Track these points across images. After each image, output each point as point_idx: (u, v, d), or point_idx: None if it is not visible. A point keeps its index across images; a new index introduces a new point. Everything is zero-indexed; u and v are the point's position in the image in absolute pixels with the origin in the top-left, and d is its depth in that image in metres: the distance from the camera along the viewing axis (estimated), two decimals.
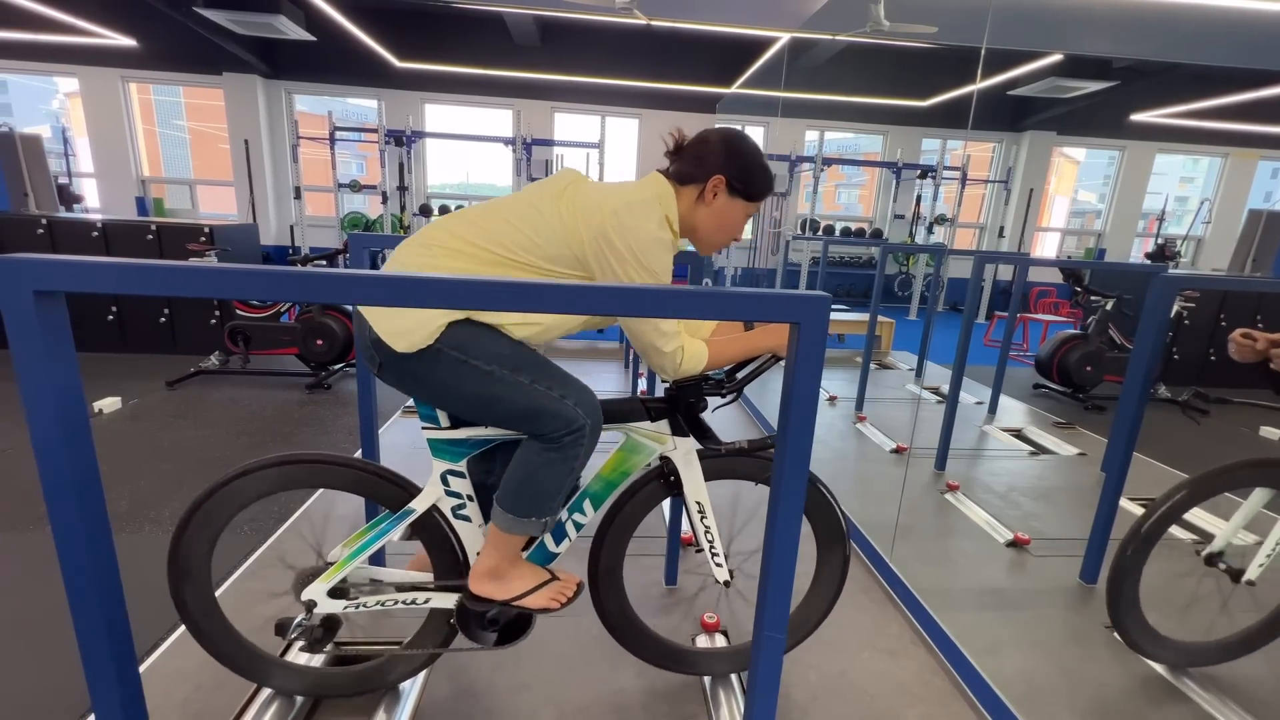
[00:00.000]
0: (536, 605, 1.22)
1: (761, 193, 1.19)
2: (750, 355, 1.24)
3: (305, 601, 1.19)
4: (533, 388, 1.08)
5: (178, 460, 2.60)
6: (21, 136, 5.27)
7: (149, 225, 4.09)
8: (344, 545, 1.22)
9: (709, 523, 1.30)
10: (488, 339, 1.09)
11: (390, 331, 1.06)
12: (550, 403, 1.08)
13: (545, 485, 1.13)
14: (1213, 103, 6.84)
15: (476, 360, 1.06)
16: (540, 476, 1.12)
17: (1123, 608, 1.46)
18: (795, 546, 0.78)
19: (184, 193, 8.46)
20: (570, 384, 1.12)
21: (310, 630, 1.19)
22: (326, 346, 3.68)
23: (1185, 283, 2.72)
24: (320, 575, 1.20)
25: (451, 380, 1.07)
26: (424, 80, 7.99)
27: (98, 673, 0.74)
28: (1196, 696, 1.47)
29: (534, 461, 1.12)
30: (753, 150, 1.19)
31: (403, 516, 1.20)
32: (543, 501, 1.14)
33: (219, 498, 1.14)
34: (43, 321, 0.62)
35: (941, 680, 1.53)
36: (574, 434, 1.10)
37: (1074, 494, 2.65)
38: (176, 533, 1.14)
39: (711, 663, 1.44)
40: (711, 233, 1.20)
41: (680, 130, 1.21)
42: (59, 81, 8.26)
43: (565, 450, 1.10)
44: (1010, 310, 3.55)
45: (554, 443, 1.10)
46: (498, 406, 1.09)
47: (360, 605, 1.22)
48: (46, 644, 1.52)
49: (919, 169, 7.89)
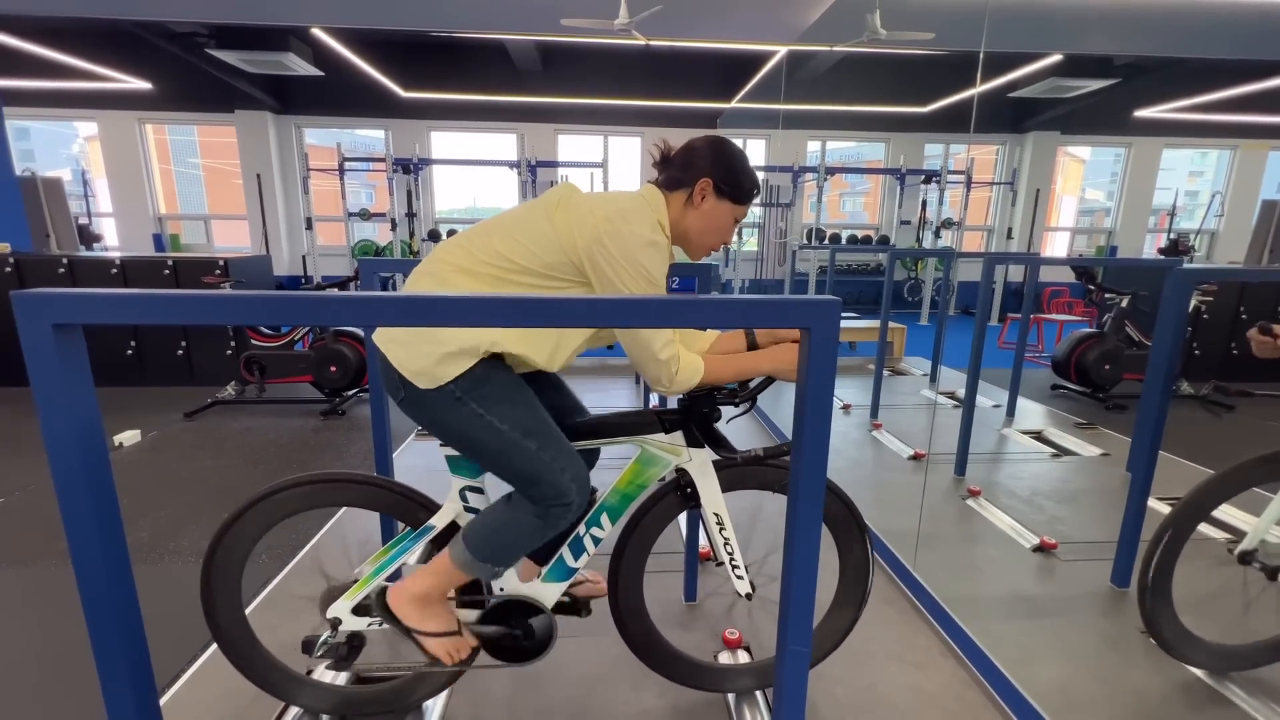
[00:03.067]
0: (429, 649, 1.21)
1: (747, 194, 1.23)
2: (749, 376, 1.24)
3: (330, 619, 1.22)
4: (537, 455, 1.12)
5: (197, 491, 2.63)
6: (43, 180, 5.43)
7: (166, 260, 4.17)
8: (368, 563, 1.24)
9: (728, 534, 1.29)
10: (508, 398, 1.13)
11: (411, 369, 1.09)
12: (549, 472, 1.12)
13: (517, 541, 1.17)
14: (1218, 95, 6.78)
15: (493, 417, 1.11)
16: (516, 532, 1.16)
17: (1156, 612, 1.42)
18: (816, 556, 0.77)
19: (199, 228, 8.65)
20: (572, 459, 1.16)
21: (336, 647, 1.22)
22: (341, 373, 3.71)
23: (1201, 276, 2.68)
24: (344, 593, 1.22)
25: (467, 429, 1.12)
26: (429, 109, 8.15)
27: (118, 705, 0.74)
28: (1242, 702, 1.41)
29: (516, 517, 1.16)
30: (737, 154, 1.22)
31: (423, 533, 1.23)
32: (507, 554, 1.17)
33: (248, 518, 1.18)
34: (62, 355, 0.63)
35: (974, 693, 1.49)
36: (562, 506, 1.14)
37: (1100, 496, 2.59)
38: (208, 554, 1.17)
39: (736, 679, 1.42)
40: (701, 234, 1.23)
41: (665, 141, 1.25)
42: (79, 126, 8.53)
43: (549, 517, 1.14)
44: (1023, 311, 3.51)
45: (541, 507, 1.14)
46: (502, 462, 1.13)
47: (384, 622, 1.23)
48: (68, 676, 1.52)
49: (923, 174, 7.87)
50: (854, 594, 1.36)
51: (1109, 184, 9.06)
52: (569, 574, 1.26)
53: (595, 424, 1.28)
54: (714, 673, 1.41)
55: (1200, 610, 1.52)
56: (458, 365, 1.09)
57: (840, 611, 1.38)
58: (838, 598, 1.39)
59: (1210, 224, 7.92)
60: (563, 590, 1.27)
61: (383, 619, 1.21)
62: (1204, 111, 7.36)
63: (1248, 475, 1.40)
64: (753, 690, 1.42)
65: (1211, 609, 1.68)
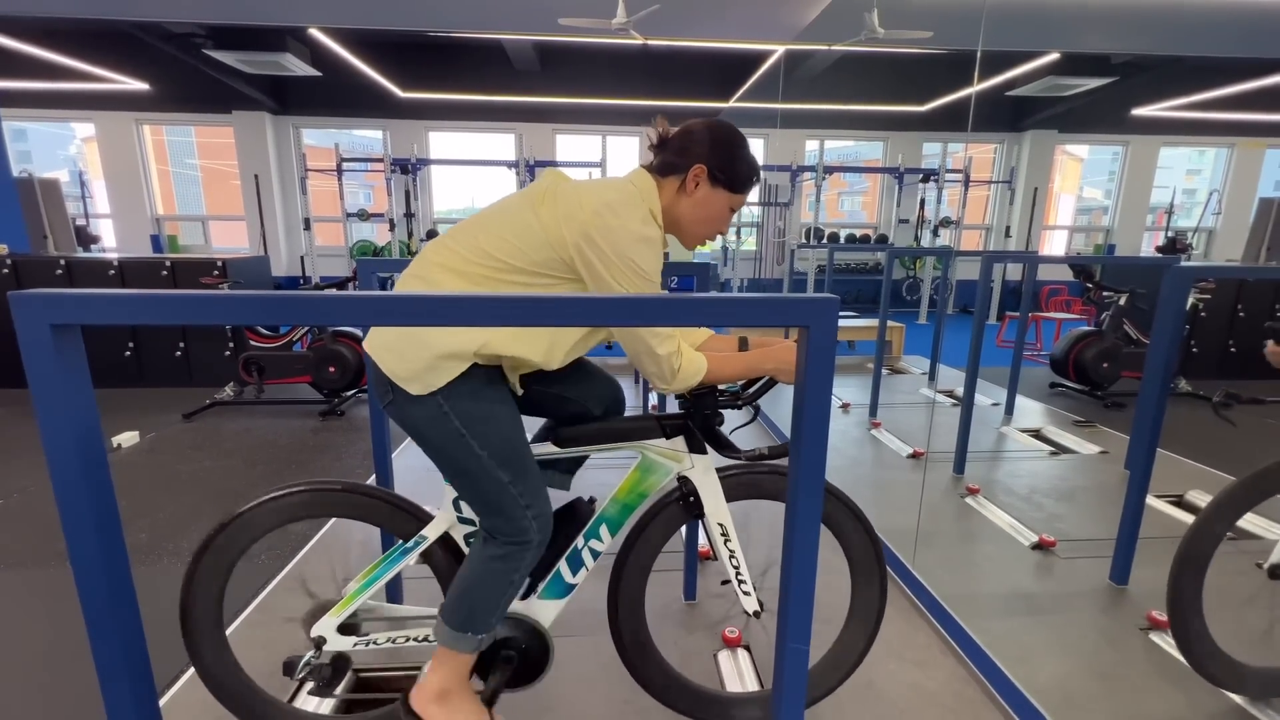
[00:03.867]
0: None
1: (744, 182, 1.15)
2: (750, 375, 1.19)
3: (315, 638, 1.16)
4: (506, 487, 1.09)
5: (195, 491, 2.62)
6: (40, 181, 5.42)
7: (163, 262, 4.17)
8: (357, 579, 1.19)
9: (733, 546, 1.22)
10: (493, 419, 1.10)
11: (401, 374, 1.06)
12: (513, 508, 1.10)
13: (484, 596, 1.13)
14: (1215, 94, 6.79)
15: (473, 440, 1.08)
16: (480, 584, 1.12)
17: (1193, 640, 1.32)
18: (815, 554, 0.77)
19: (197, 229, 8.63)
20: (539, 499, 1.13)
21: (319, 670, 1.15)
22: (339, 373, 3.71)
23: (1199, 273, 2.69)
24: (330, 610, 1.16)
25: (445, 444, 1.09)
26: (427, 109, 8.14)
27: (118, 704, 0.74)
28: (1241, 700, 1.41)
29: (477, 565, 1.13)
30: (736, 139, 1.14)
31: (415, 545, 1.18)
32: (480, 617, 1.13)
33: (230, 532, 1.12)
34: (60, 355, 0.63)
35: (973, 690, 1.49)
36: (519, 545, 1.11)
37: (1098, 493, 2.60)
38: (188, 574, 1.11)
39: (743, 710, 1.33)
40: (694, 224, 1.16)
41: (664, 122, 1.17)
42: (76, 127, 8.51)
43: (507, 556, 1.11)
44: (1022, 309, 3.51)
45: (498, 543, 1.11)
46: (471, 484, 1.11)
47: (371, 642, 1.18)
48: (68, 676, 1.52)
49: (921, 173, 7.88)
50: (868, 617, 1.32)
51: (1107, 182, 9.07)
52: (567, 590, 1.22)
53: (592, 429, 1.23)
54: (721, 703, 1.33)
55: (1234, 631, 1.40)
56: (448, 371, 1.05)
57: (854, 634, 1.33)
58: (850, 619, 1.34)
59: (1208, 222, 7.93)
60: (560, 608, 1.23)
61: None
62: (1201, 110, 7.37)
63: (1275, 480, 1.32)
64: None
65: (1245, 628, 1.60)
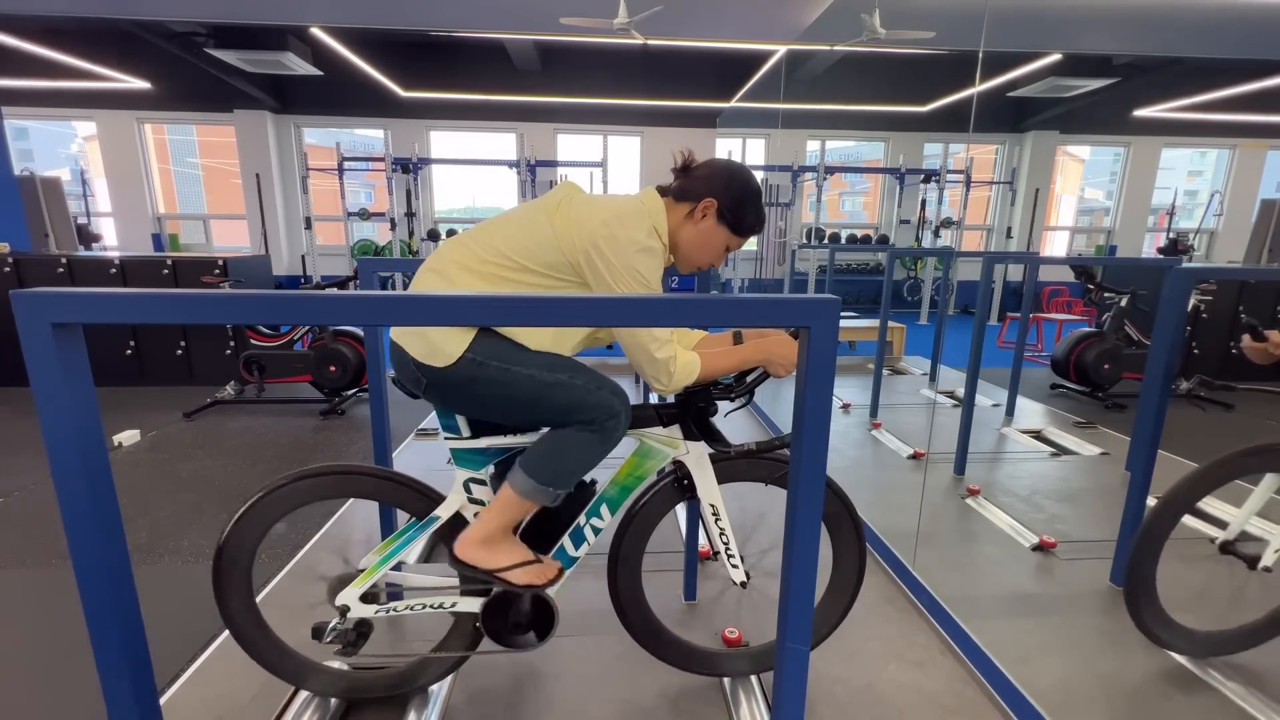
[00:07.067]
0: (520, 581, 1.23)
1: (747, 229, 1.25)
2: (742, 368, 1.27)
3: (339, 606, 1.25)
4: (572, 383, 1.15)
5: (196, 490, 2.62)
6: (42, 180, 5.43)
7: (165, 260, 4.17)
8: (375, 553, 1.27)
9: (723, 524, 1.33)
10: (520, 348, 1.16)
11: (424, 353, 1.14)
12: (589, 395, 1.16)
13: (575, 461, 1.18)
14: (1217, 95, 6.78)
15: (518, 367, 1.14)
16: (574, 452, 1.18)
17: (1140, 600, 1.46)
18: (815, 555, 0.77)
19: (198, 228, 8.64)
20: (601, 378, 1.19)
21: (344, 634, 1.26)
22: (340, 372, 3.71)
23: (1200, 275, 2.69)
24: (352, 581, 1.25)
25: (498, 388, 1.14)
26: (428, 108, 8.14)
27: (118, 704, 0.74)
28: (1241, 700, 1.41)
29: (572, 438, 1.18)
30: (752, 186, 1.25)
31: (428, 524, 1.26)
32: (566, 475, 1.18)
33: (259, 509, 1.20)
34: (61, 354, 0.63)
35: (973, 691, 1.49)
36: (614, 419, 1.17)
37: (1099, 495, 2.60)
38: (220, 545, 1.20)
39: (733, 663, 1.46)
40: (691, 250, 1.25)
41: (690, 151, 1.27)
42: (77, 126, 8.52)
43: (605, 432, 1.17)
44: (1023, 310, 3.51)
45: (596, 426, 1.16)
46: (544, 405, 1.16)
47: (391, 609, 1.27)
48: (69, 676, 1.52)
49: (922, 173, 7.88)
50: (847, 581, 1.40)
51: (1108, 183, 9.06)
52: (570, 563, 1.30)
53: None
54: (711, 656, 1.45)
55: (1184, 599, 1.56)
56: (465, 335, 1.13)
57: (834, 598, 1.42)
58: (830, 585, 1.43)
59: (1209, 223, 7.92)
60: (565, 578, 1.30)
61: (459, 573, 1.24)
62: (1203, 111, 7.37)
63: (1236, 466, 1.42)
64: (749, 674, 1.45)
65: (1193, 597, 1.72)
